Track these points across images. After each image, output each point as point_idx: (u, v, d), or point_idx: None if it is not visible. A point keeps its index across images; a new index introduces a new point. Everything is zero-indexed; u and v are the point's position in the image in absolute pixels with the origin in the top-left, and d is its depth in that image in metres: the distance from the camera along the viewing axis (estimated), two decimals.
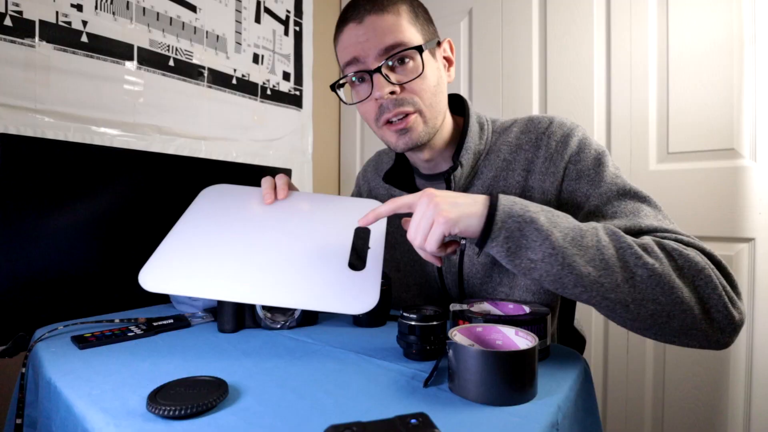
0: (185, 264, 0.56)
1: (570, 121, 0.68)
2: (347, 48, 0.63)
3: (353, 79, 0.65)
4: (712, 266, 0.50)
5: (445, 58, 0.69)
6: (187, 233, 0.61)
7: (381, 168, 0.87)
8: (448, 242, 0.54)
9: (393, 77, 0.61)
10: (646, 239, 0.52)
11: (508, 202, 0.51)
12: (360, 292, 0.55)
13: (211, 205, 0.66)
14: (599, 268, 0.48)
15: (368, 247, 0.61)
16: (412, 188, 0.76)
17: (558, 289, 0.50)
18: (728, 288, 0.50)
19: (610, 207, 0.60)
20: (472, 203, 0.51)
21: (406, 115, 0.63)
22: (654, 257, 0.49)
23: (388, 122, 0.64)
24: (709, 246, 0.53)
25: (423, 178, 0.76)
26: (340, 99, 0.69)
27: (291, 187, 0.71)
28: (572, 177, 0.63)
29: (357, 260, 0.59)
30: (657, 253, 0.49)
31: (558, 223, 0.50)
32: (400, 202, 0.54)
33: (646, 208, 0.59)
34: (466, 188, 0.70)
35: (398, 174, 0.77)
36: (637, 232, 0.55)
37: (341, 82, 0.67)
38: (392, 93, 0.61)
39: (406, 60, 0.62)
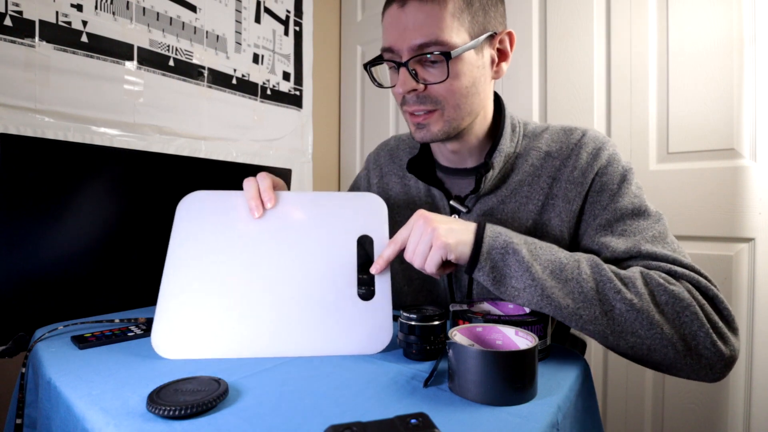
0: (194, 325, 0.54)
1: (603, 135, 0.68)
2: (386, 34, 0.62)
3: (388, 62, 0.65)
4: (703, 302, 0.50)
5: (499, 50, 0.65)
6: (183, 280, 0.57)
7: (397, 155, 0.84)
8: (446, 263, 0.55)
9: (421, 74, 0.61)
10: (634, 271, 0.52)
11: (493, 233, 0.54)
12: (374, 330, 0.55)
13: (197, 230, 0.60)
14: (578, 300, 0.50)
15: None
16: (433, 180, 0.74)
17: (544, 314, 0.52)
18: (719, 324, 0.50)
19: (621, 224, 0.60)
20: (465, 231, 0.54)
21: (428, 111, 0.63)
22: (634, 292, 0.50)
23: (410, 113, 0.64)
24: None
25: (444, 172, 0.75)
26: (371, 79, 0.68)
27: (277, 186, 0.65)
28: (596, 189, 0.64)
29: (366, 289, 0.58)
30: (638, 288, 0.50)
31: (539, 255, 0.52)
32: (401, 237, 0.57)
33: (654, 229, 0.59)
34: (491, 190, 0.69)
35: (420, 164, 0.76)
36: (635, 255, 0.57)
37: (376, 62, 0.67)
38: (415, 89, 0.61)
39: (435, 61, 0.60)
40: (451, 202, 0.71)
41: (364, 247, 0.65)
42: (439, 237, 0.53)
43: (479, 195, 0.69)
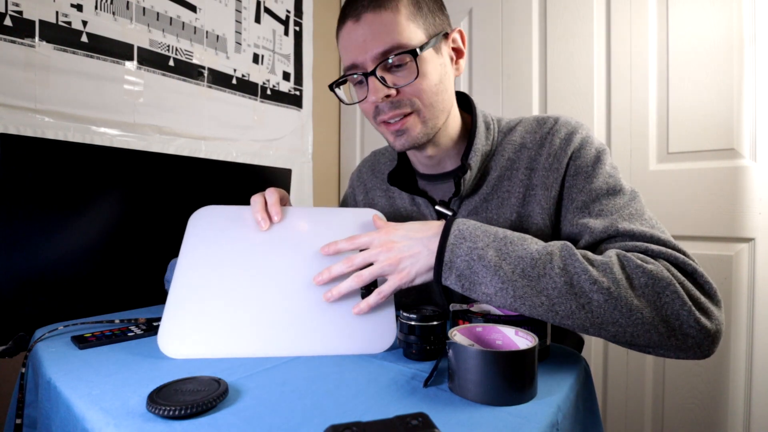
0: (201, 325, 0.55)
1: (575, 120, 0.68)
2: (346, 52, 0.62)
3: (354, 76, 0.64)
4: (682, 278, 0.49)
5: (454, 49, 0.67)
6: (192, 284, 0.58)
7: (378, 168, 0.86)
8: None
9: (390, 79, 0.61)
10: (610, 255, 0.51)
11: (456, 240, 0.53)
12: (378, 329, 0.56)
13: (207, 241, 0.62)
14: (552, 297, 0.48)
15: None
16: (414, 190, 0.75)
17: (520, 313, 0.52)
18: (701, 299, 0.48)
19: (597, 204, 0.60)
20: (426, 255, 0.54)
21: (404, 115, 0.63)
22: (611, 279, 0.48)
23: (386, 122, 0.64)
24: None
25: (425, 179, 0.76)
26: (339, 99, 0.68)
27: (283, 200, 0.67)
28: (571, 173, 0.64)
29: (368, 290, 0.58)
30: (616, 274, 0.48)
31: (509, 253, 0.51)
32: (359, 241, 0.58)
33: (631, 206, 0.59)
34: (474, 190, 0.70)
35: (401, 175, 0.76)
36: (613, 234, 0.56)
37: (340, 81, 0.66)
38: (388, 96, 0.61)
39: (401, 65, 0.61)
40: (437, 207, 0.71)
41: None
42: (400, 271, 0.55)
43: (461, 197, 0.70)
